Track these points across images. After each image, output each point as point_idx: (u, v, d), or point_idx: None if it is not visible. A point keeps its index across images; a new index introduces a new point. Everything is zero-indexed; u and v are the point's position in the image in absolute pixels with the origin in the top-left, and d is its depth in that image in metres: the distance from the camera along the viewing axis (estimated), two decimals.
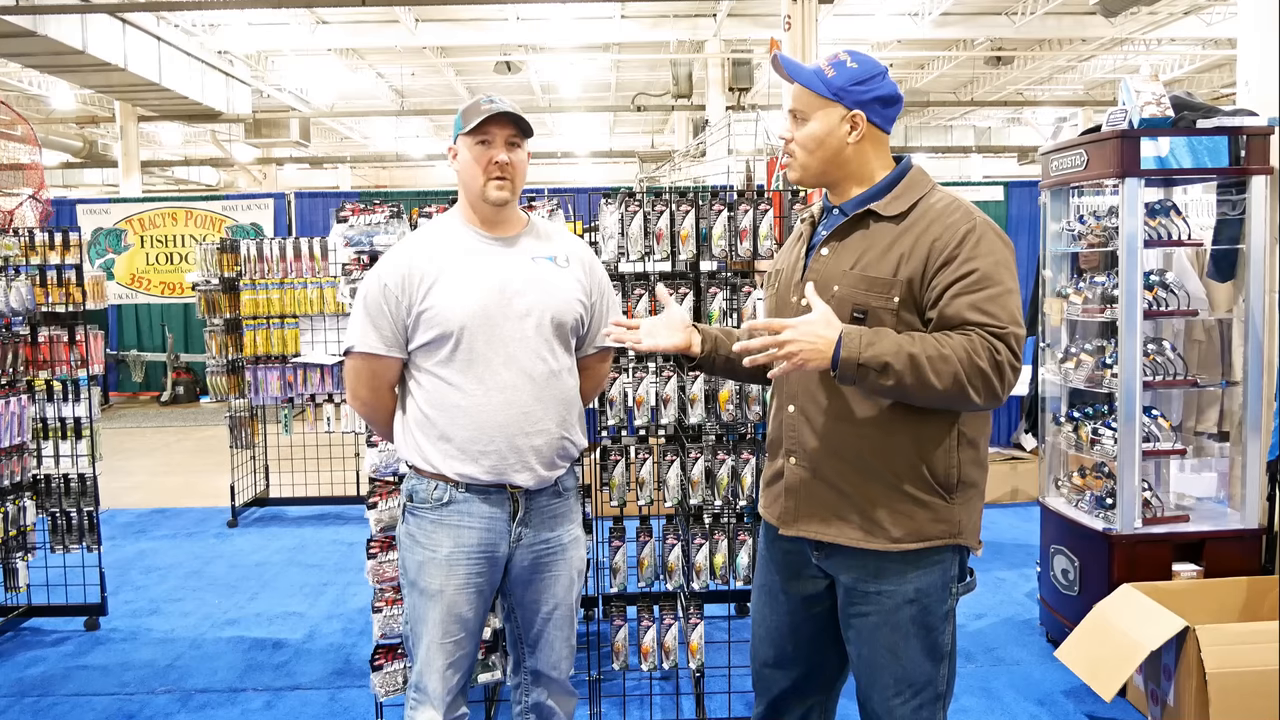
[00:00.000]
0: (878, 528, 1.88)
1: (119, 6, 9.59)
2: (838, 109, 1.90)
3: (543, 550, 2.27)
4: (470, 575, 2.20)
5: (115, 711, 3.47)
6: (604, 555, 3.18)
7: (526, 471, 2.19)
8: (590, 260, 2.36)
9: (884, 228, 1.89)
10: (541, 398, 2.19)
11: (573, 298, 2.26)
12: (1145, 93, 3.48)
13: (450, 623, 2.21)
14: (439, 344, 2.16)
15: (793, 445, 1.98)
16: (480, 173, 2.17)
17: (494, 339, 2.16)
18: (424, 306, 2.16)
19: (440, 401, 2.17)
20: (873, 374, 1.73)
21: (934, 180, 1.96)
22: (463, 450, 2.16)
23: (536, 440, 2.19)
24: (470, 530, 2.19)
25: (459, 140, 2.21)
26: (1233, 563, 3.55)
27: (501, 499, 2.20)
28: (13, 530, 4.10)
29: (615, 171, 21.74)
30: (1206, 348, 3.88)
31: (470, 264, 2.19)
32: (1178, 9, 11.46)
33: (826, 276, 1.91)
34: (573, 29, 11.86)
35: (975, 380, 1.73)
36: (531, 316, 2.19)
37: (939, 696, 1.97)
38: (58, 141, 15.38)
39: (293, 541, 5.66)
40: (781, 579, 2.07)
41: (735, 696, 3.30)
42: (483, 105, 2.17)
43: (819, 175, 1.97)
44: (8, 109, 4.88)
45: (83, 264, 4.21)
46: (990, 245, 1.82)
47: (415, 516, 2.24)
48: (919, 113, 17.63)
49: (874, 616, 1.92)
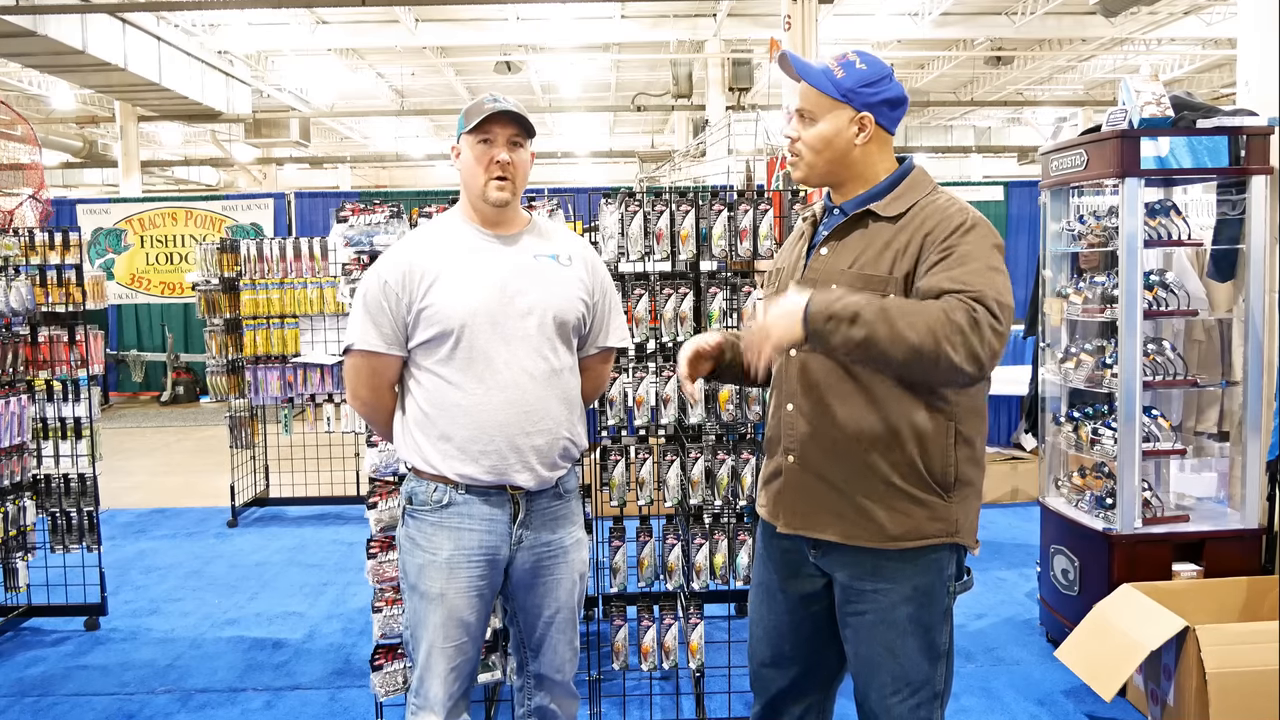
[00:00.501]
0: (876, 526, 1.88)
1: (119, 6, 9.59)
2: (847, 110, 1.90)
3: (544, 553, 2.25)
4: (471, 578, 2.19)
5: (115, 711, 3.47)
6: (604, 555, 3.18)
7: (527, 472, 2.18)
8: (593, 259, 2.35)
9: (882, 227, 1.90)
10: (543, 396, 2.18)
11: (575, 296, 2.25)
12: (1145, 93, 3.48)
13: (452, 627, 2.19)
14: (439, 342, 2.15)
15: (791, 443, 1.98)
16: (482, 172, 2.16)
17: (495, 337, 2.15)
18: (424, 304, 2.15)
19: (440, 400, 2.16)
20: (844, 325, 1.68)
21: (935, 182, 1.97)
22: (463, 450, 2.15)
23: (538, 440, 2.17)
24: (471, 533, 2.18)
25: (461, 139, 2.20)
26: (1233, 563, 3.55)
27: (502, 500, 2.19)
28: (13, 530, 4.10)
29: (615, 171, 21.75)
30: (1206, 348, 3.88)
31: (471, 262, 2.19)
32: (1178, 9, 11.46)
33: (825, 276, 1.92)
34: (573, 29, 11.86)
35: (953, 336, 1.66)
36: (533, 315, 2.18)
37: (937, 695, 1.97)
38: (58, 141, 15.38)
39: (293, 541, 5.66)
40: (779, 577, 2.07)
41: (735, 696, 3.30)
42: (486, 104, 2.16)
43: (824, 175, 1.97)
44: (8, 109, 4.88)
45: (83, 264, 4.21)
46: (980, 234, 1.83)
47: (415, 519, 2.23)
48: (919, 113, 17.63)
49: (871, 615, 1.92)
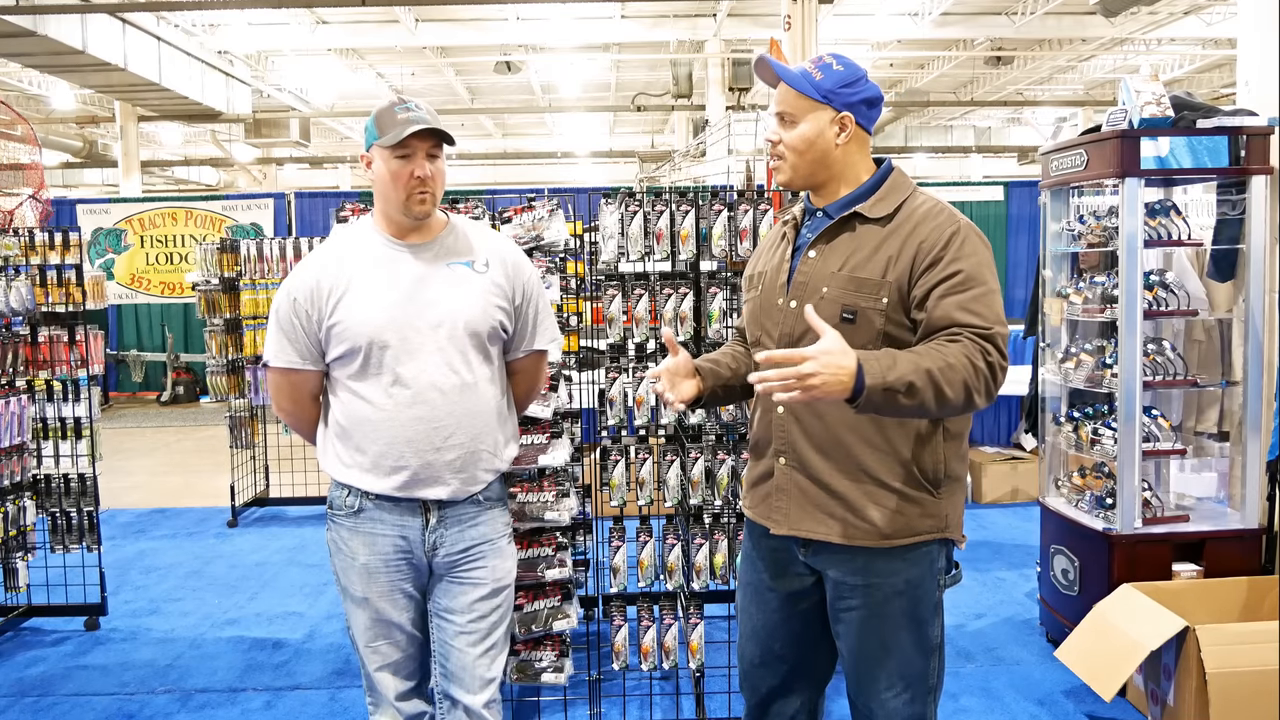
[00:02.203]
0: (870, 524, 1.90)
1: (119, 6, 9.59)
2: (828, 111, 1.93)
3: (460, 558, 2.21)
4: (392, 580, 2.19)
5: (115, 711, 3.47)
6: (604, 555, 3.18)
7: (439, 486, 2.15)
8: (515, 260, 2.26)
9: (870, 230, 1.92)
10: (454, 411, 2.13)
11: (489, 304, 2.17)
12: (1145, 93, 3.48)
13: (377, 626, 2.20)
14: (350, 358, 2.12)
15: (783, 446, 1.99)
16: (402, 188, 2.10)
17: (404, 351, 2.10)
18: (333, 321, 2.11)
19: (353, 414, 2.14)
20: (899, 396, 1.68)
21: (914, 182, 2.01)
22: (375, 465, 2.13)
23: (449, 455, 2.13)
24: (383, 538, 2.18)
25: (374, 149, 2.11)
26: (1233, 563, 3.55)
27: (413, 507, 2.17)
28: (13, 530, 4.10)
29: (615, 171, 21.75)
30: (1206, 348, 3.88)
31: (378, 275, 2.13)
32: (1178, 9, 11.46)
33: (815, 278, 1.94)
34: (573, 29, 11.86)
35: (979, 384, 1.73)
36: (443, 327, 2.12)
37: (930, 690, 1.99)
38: (58, 141, 15.38)
39: (293, 541, 5.66)
40: (768, 577, 2.09)
41: (735, 696, 3.30)
42: (399, 115, 2.08)
43: (808, 177, 1.99)
44: (8, 109, 4.88)
45: (83, 264, 4.20)
46: (973, 246, 1.86)
47: (335, 524, 2.24)
48: (919, 113, 17.63)
49: (863, 610, 1.94)
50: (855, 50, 13.71)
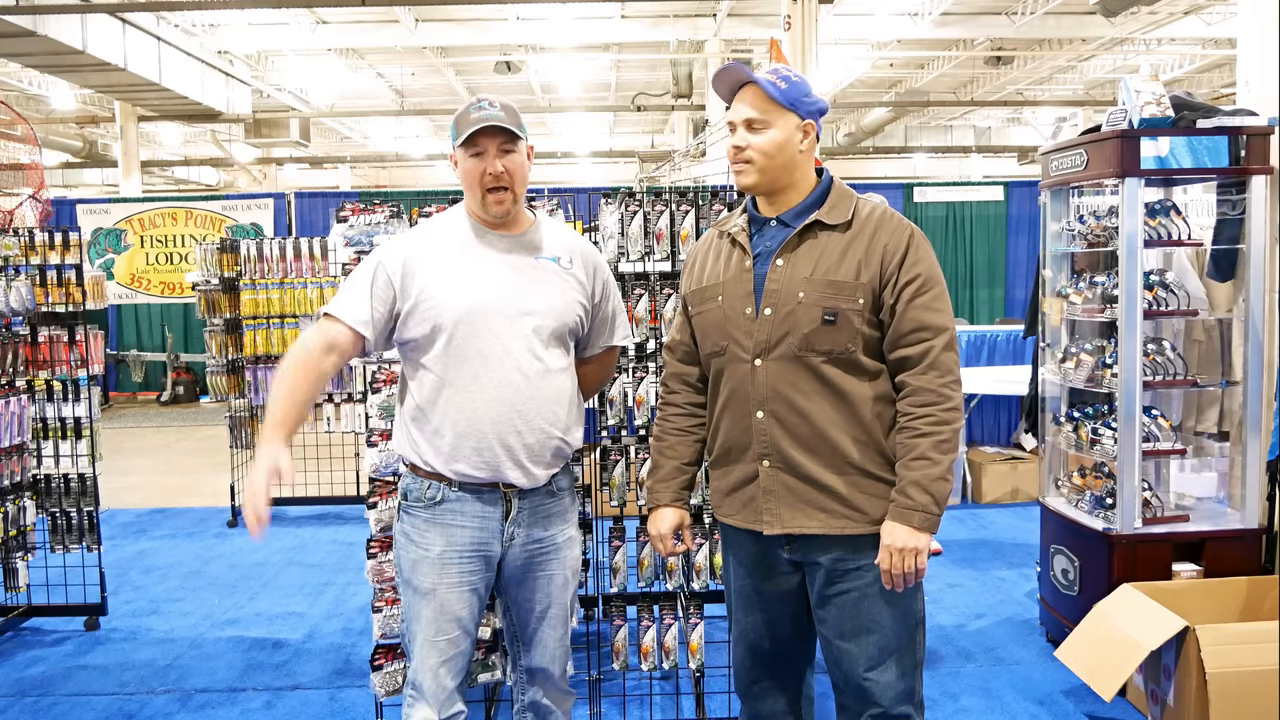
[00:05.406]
0: (857, 512, 2.02)
1: (119, 6, 9.59)
2: (794, 117, 2.03)
3: (536, 550, 2.27)
4: (463, 574, 2.21)
5: (115, 711, 3.47)
6: (604, 555, 3.18)
7: (518, 469, 2.19)
8: (595, 260, 2.35)
9: (833, 236, 2.03)
10: (535, 396, 2.18)
11: (574, 300, 2.26)
12: (1145, 93, 3.48)
13: (443, 621, 2.21)
14: (433, 337, 2.16)
15: (765, 449, 2.06)
16: (477, 186, 2.17)
17: (489, 335, 2.15)
18: (420, 299, 2.16)
19: (435, 396, 2.17)
20: (945, 502, 1.97)
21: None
22: (455, 446, 2.16)
23: (529, 438, 2.18)
24: (463, 529, 2.20)
25: (455, 149, 2.19)
26: (1233, 563, 3.55)
27: (495, 498, 2.21)
28: (13, 530, 4.10)
29: (615, 171, 21.74)
30: (1206, 348, 3.88)
31: (469, 261, 2.20)
32: (1178, 9, 11.46)
33: (789, 285, 2.02)
34: (573, 29, 11.86)
35: (954, 411, 1.98)
36: (531, 316, 2.18)
37: (917, 664, 2.10)
38: (58, 141, 15.37)
39: (293, 541, 5.66)
40: (755, 579, 2.17)
41: (735, 696, 3.29)
42: (472, 114, 2.15)
43: (772, 181, 2.06)
44: (8, 109, 4.88)
45: (83, 264, 4.20)
46: (926, 248, 2.05)
47: (410, 515, 2.25)
48: (919, 113, 17.61)
49: (854, 591, 2.05)
50: (855, 50, 13.73)
